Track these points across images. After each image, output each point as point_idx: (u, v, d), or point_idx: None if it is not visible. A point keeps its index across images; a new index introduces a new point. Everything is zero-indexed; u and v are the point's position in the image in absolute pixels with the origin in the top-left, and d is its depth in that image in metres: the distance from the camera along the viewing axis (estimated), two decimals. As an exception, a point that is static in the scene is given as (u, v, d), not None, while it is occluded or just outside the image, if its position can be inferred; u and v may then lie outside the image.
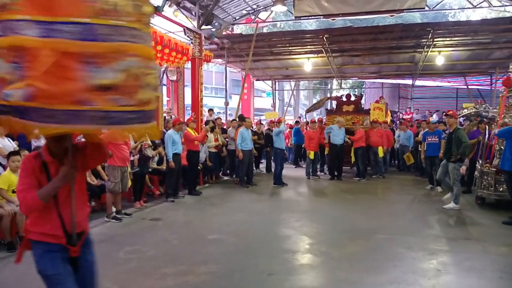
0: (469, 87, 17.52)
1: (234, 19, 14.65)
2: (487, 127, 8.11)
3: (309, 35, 13.98)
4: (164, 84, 14.61)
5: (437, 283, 3.86)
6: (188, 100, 12.80)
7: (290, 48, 14.78)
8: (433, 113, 16.97)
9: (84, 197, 2.49)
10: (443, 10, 19.48)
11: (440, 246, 4.99)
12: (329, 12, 12.03)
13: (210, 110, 13.50)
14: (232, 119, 11.23)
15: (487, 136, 7.71)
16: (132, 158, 7.18)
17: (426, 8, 12.60)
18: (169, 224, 6.18)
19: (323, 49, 13.83)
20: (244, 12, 14.66)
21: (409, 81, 18.07)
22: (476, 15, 22.40)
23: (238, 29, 17.77)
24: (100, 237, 5.12)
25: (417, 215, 6.73)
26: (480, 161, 7.52)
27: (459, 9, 20.11)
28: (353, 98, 12.44)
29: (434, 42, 13.02)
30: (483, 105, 9.43)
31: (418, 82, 17.88)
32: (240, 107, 12.78)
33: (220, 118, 12.46)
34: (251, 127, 10.82)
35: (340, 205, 7.72)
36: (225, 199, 8.13)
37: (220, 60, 15.71)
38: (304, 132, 12.29)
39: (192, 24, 11.67)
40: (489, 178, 6.97)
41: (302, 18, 14.18)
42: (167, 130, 8.55)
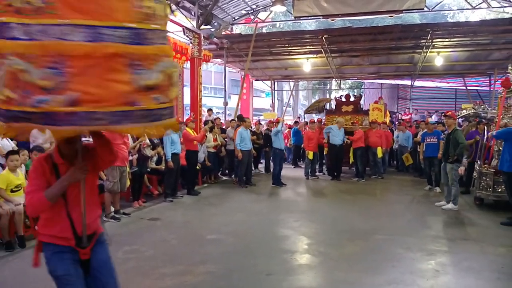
0: (468, 88, 17.55)
1: (234, 19, 14.65)
2: (486, 128, 8.12)
3: (308, 36, 13.98)
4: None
5: (435, 284, 3.87)
6: (187, 100, 12.78)
7: (289, 48, 14.79)
8: (432, 114, 16.99)
9: (95, 199, 2.47)
10: (442, 11, 19.49)
11: (439, 247, 5.00)
12: (329, 13, 12.03)
13: (209, 110, 13.49)
14: (231, 119, 11.21)
15: (485, 137, 7.72)
16: (131, 158, 7.17)
17: (425, 9, 12.62)
18: (168, 224, 6.18)
19: (322, 50, 13.84)
20: (244, 12, 14.66)
21: (408, 82, 18.09)
22: (475, 16, 22.48)
23: (238, 29, 17.78)
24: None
25: (416, 216, 6.74)
26: (479, 162, 7.53)
27: (458, 10, 20.11)
28: (352, 99, 12.45)
29: (433, 43, 13.04)
30: (482, 106, 9.44)
31: (417, 83, 17.88)
32: (239, 107, 12.78)
33: (219, 118, 12.45)
34: (250, 127, 10.82)
35: (339, 206, 7.72)
36: (224, 199, 8.13)
37: (219, 60, 15.70)
38: (303, 132, 12.29)
39: (191, 24, 11.67)
40: (488, 179, 6.98)
41: (302, 19, 14.18)
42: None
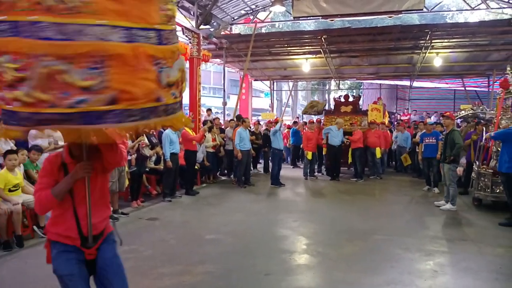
0: (467, 89, 17.57)
1: (233, 19, 14.65)
2: (484, 129, 8.14)
3: (308, 36, 13.98)
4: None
5: (434, 284, 3.88)
6: (186, 100, 12.77)
7: (289, 49, 14.78)
8: (431, 115, 17.03)
9: (105, 200, 2.47)
10: (441, 12, 19.55)
11: (437, 247, 5.01)
12: (328, 13, 12.04)
13: (208, 110, 13.47)
14: (230, 119, 11.21)
15: (483, 138, 7.73)
16: (130, 158, 7.16)
17: (424, 10, 12.66)
18: (166, 224, 6.17)
19: (321, 50, 13.84)
20: (243, 12, 14.67)
21: (407, 83, 18.11)
22: (474, 17, 22.51)
23: (237, 29, 17.78)
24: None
25: (414, 216, 6.75)
26: (477, 163, 7.54)
27: (457, 11, 20.18)
28: (351, 99, 12.45)
29: (432, 44, 13.05)
30: (481, 107, 9.45)
31: (416, 84, 17.91)
32: (238, 107, 12.77)
33: (218, 118, 12.44)
34: (249, 127, 10.82)
35: (338, 206, 7.72)
36: (223, 199, 8.12)
37: (218, 60, 15.69)
38: (302, 133, 12.30)
39: (191, 24, 11.66)
40: (486, 180, 6.99)
41: (301, 19, 14.16)
42: (165, 130, 8.52)
